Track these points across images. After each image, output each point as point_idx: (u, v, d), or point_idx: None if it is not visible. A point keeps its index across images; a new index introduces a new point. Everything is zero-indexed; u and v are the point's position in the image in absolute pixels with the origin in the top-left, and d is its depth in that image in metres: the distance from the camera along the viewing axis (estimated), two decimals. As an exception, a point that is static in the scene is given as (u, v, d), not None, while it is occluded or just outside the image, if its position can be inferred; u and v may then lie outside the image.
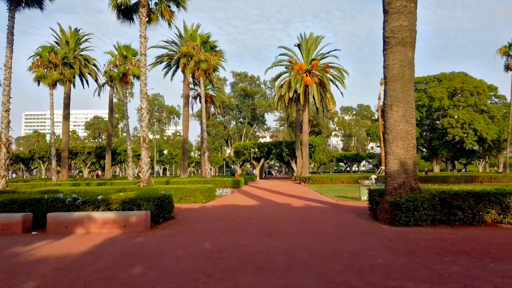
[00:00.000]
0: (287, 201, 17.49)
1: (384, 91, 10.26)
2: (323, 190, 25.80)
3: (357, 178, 38.52)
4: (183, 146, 42.19)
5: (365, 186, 16.56)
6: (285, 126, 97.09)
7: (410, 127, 9.75)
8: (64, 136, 44.72)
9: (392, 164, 9.80)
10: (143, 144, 18.25)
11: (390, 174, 9.83)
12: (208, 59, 34.32)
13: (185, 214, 12.55)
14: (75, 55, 43.52)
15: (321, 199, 18.45)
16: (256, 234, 8.44)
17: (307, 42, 42.17)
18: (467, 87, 50.69)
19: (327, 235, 8.17)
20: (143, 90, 18.35)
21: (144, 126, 18.25)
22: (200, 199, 16.82)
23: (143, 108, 18.26)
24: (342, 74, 41.54)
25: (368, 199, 11.20)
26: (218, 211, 13.41)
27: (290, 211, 13.22)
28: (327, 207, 14.25)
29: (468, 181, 37.64)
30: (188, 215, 12.43)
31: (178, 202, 16.74)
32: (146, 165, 18.17)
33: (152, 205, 9.60)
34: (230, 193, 24.64)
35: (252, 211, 13.43)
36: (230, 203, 16.96)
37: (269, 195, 22.14)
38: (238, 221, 10.61)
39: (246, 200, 18.39)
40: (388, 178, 9.90)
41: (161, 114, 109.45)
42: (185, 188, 17.01)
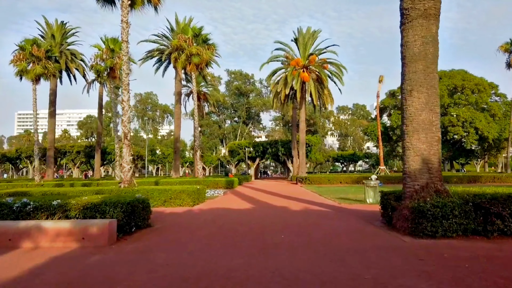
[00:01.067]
0: (284, 203, 15.76)
1: (401, 74, 8.56)
2: (321, 191, 24.13)
3: (356, 178, 36.87)
4: (175, 145, 40.33)
5: (370, 187, 14.88)
6: (281, 126, 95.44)
7: (435, 117, 8.06)
8: (50, 135, 42.71)
9: (412, 162, 8.10)
10: (125, 141, 16.44)
11: (410, 174, 8.12)
12: (200, 53, 32.50)
13: (166, 221, 10.77)
14: (61, 50, 41.52)
15: (321, 201, 16.75)
16: (247, 248, 6.69)
17: (304, 37, 40.49)
18: (468, 85, 49.27)
19: (337, 251, 6.44)
20: (125, 81, 16.54)
21: (125, 121, 16.44)
22: (187, 201, 15.04)
23: (125, 101, 16.45)
24: (340, 70, 39.91)
25: (381, 203, 9.49)
26: (205, 216, 11.65)
27: (287, 216, 11.49)
28: (329, 211, 12.54)
29: (471, 181, 36.19)
30: (169, 221, 10.65)
31: (162, 205, 14.97)
32: (127, 164, 16.36)
33: (119, 211, 7.81)
34: (222, 194, 22.88)
35: (245, 216, 11.69)
36: (220, 206, 15.21)
37: (264, 196, 20.41)
38: (226, 230, 8.85)
39: (238, 203, 16.64)
40: (408, 179, 8.19)
41: (154, 113, 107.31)
42: (170, 190, 15.22)
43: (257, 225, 9.52)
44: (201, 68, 34.65)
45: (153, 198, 14.99)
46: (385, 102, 57.79)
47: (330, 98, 40.25)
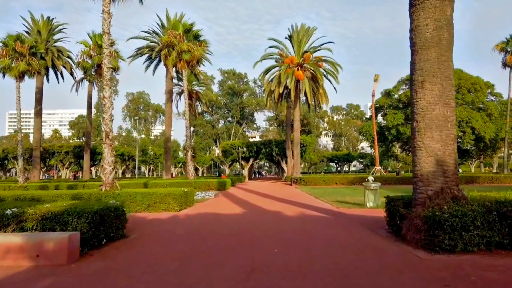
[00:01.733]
0: (278, 207, 14.67)
1: (411, 63, 7.51)
2: (317, 193, 23.08)
3: (352, 179, 35.92)
4: (166, 145, 39.08)
5: (371, 190, 13.85)
6: (275, 126, 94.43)
7: (450, 112, 7.02)
8: (35, 134, 41.23)
9: (424, 164, 7.05)
10: (106, 140, 15.24)
11: (422, 178, 7.07)
12: (191, 50, 31.33)
13: (145, 229, 9.61)
14: (47, 46, 40.00)
15: (318, 205, 15.68)
16: (232, 270, 5.57)
17: (299, 34, 39.46)
18: (464, 84, 48.60)
19: (344, 273, 5.34)
20: (106, 76, 15.33)
21: (107, 119, 15.23)
22: (173, 206, 13.88)
23: (106, 97, 15.25)
24: (336, 69, 38.97)
25: (387, 209, 8.43)
26: (190, 224, 10.52)
27: (282, 223, 10.39)
28: (327, 218, 11.47)
29: (468, 182, 35.43)
30: (149, 230, 9.49)
31: (146, 210, 13.80)
32: (109, 165, 15.15)
33: (84, 222, 6.65)
34: (213, 196, 21.74)
35: (234, 223, 10.57)
36: (209, 210, 14.07)
37: (257, 199, 19.30)
38: (211, 243, 7.72)
39: (229, 207, 15.52)
40: (419, 183, 7.13)
41: (146, 113, 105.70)
42: (155, 193, 14.04)
43: (247, 236, 8.41)
44: (192, 66, 33.50)
45: (135, 202, 13.84)
46: (380, 101, 57.02)
47: (325, 97, 39.27)
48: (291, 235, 8.39)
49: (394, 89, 57.37)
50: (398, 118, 52.06)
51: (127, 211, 14.00)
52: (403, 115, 52.31)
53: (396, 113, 53.05)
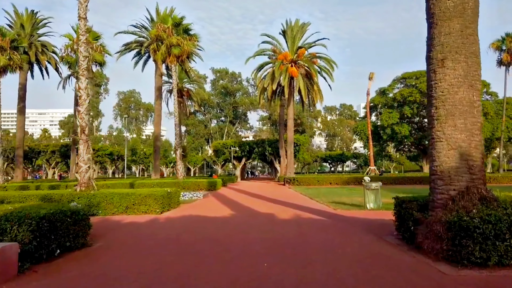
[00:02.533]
0: (271, 209, 13.42)
1: (428, 39, 6.32)
2: (311, 193, 21.88)
3: (346, 179, 34.85)
4: (155, 144, 37.59)
5: (371, 190, 12.66)
6: (269, 125, 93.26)
7: (476, 95, 5.84)
8: (18, 133, 39.53)
9: (445, 158, 5.85)
10: (81, 135, 13.85)
11: (442, 175, 5.86)
12: (181, 44, 29.97)
13: (116, 236, 8.29)
14: (31, 41, 38.34)
15: (313, 206, 14.47)
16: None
17: (292, 30, 38.27)
18: (460, 82, 47.85)
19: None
20: (82, 65, 13.95)
21: (82, 112, 13.84)
22: (154, 208, 12.54)
23: (82, 89, 13.86)
24: (331, 66, 37.82)
25: (396, 212, 7.24)
26: (170, 229, 9.22)
27: (274, 228, 9.14)
28: (325, 221, 10.25)
29: (465, 182, 34.58)
30: (120, 237, 8.18)
31: (124, 212, 12.46)
32: (85, 163, 13.77)
33: (26, 231, 5.32)
34: (202, 197, 20.41)
35: (221, 228, 9.30)
36: (195, 213, 12.77)
37: (248, 200, 18.04)
38: (190, 253, 6.44)
39: (218, 208, 14.24)
40: (439, 181, 5.93)
41: (137, 112, 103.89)
42: (134, 194, 12.68)
43: (234, 245, 7.15)
44: (182, 61, 32.14)
45: (112, 204, 12.50)
46: (375, 100, 56.06)
47: (319, 94, 38.12)
48: (284, 243, 7.13)
49: (389, 88, 56.48)
50: (393, 117, 51.14)
51: (103, 214, 12.72)
52: (398, 114, 51.44)
53: (391, 112, 52.14)
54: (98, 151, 53.54)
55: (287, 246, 6.79)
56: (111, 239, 7.89)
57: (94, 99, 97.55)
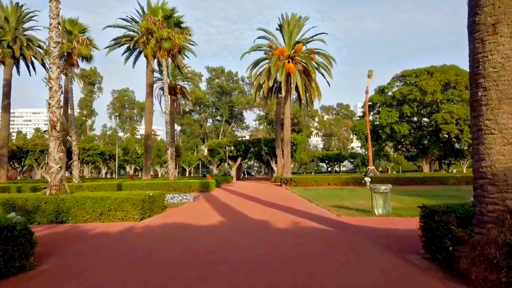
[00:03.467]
0: (266, 215, 11.89)
1: (469, 1, 4.80)
2: (310, 195, 20.38)
3: (345, 179, 33.34)
4: (146, 143, 35.92)
5: (380, 194, 11.16)
6: (265, 125, 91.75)
7: (541, 73, 4.33)
8: (2, 131, 37.61)
9: (499, 156, 4.35)
10: (52, 131, 12.25)
11: (495, 179, 4.36)
12: (171, 37, 28.39)
13: (74, 252, 6.72)
14: (16, 35, 36.56)
15: (314, 211, 12.95)
16: None
17: (289, 25, 36.76)
18: (462, 80, 46.54)
19: None
20: (53, 52, 12.35)
21: (53, 105, 12.23)
22: (132, 214, 10.96)
23: (53, 79, 12.26)
24: (329, 62, 36.33)
25: (424, 226, 5.72)
26: (144, 242, 7.65)
27: (269, 242, 7.61)
28: (329, 231, 8.72)
29: (469, 182, 33.14)
30: (79, 254, 6.61)
31: (97, 219, 10.88)
32: (56, 163, 12.18)
33: None
34: (192, 200, 18.83)
35: (205, 241, 7.75)
36: (179, 219, 11.21)
37: (242, 203, 16.50)
38: (157, 284, 4.90)
39: (207, 214, 12.69)
40: (489, 188, 4.43)
41: (131, 111, 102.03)
42: (109, 199, 11.07)
43: (217, 267, 5.61)
44: (173, 55, 30.53)
45: (84, 209, 10.91)
46: (374, 98, 54.74)
47: (317, 91, 36.62)
48: (280, 266, 5.59)
49: (388, 86, 55.18)
50: (392, 116, 49.80)
51: (73, 221, 11.13)
52: (398, 113, 50.13)
53: (391, 110, 50.82)
54: (88, 151, 51.74)
55: (285, 272, 5.25)
56: (66, 257, 6.33)
57: (87, 97, 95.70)
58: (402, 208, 12.51)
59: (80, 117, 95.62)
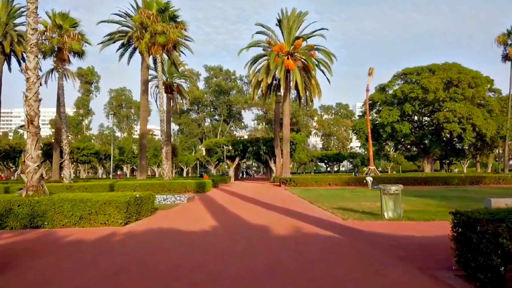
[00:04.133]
0: (264, 219, 10.81)
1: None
2: (310, 196, 19.34)
3: (346, 179, 32.27)
4: (141, 142, 34.84)
5: (390, 195, 10.09)
6: (263, 124, 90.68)
7: None
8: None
9: None
10: (29, 127, 11.14)
11: None
12: (166, 31, 27.31)
13: (33, 267, 5.63)
14: (6, 30, 35.41)
15: (316, 214, 11.88)
16: None
17: (289, 20, 35.66)
18: (465, 78, 45.56)
19: None
20: (31, 40, 11.23)
21: (31, 98, 11.12)
22: (116, 218, 9.85)
23: (30, 69, 11.15)
24: (330, 58, 35.22)
25: (458, 235, 4.64)
26: (120, 254, 6.56)
27: (268, 252, 6.53)
28: (336, 239, 7.64)
29: (473, 182, 32.30)
30: (37, 268, 5.52)
31: (76, 224, 9.78)
32: (33, 161, 11.09)
33: None
34: (185, 201, 17.76)
35: (191, 254, 6.66)
36: (168, 224, 10.12)
37: (239, 205, 15.42)
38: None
39: (199, 217, 11.61)
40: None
41: (128, 110, 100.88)
42: (90, 201, 9.94)
43: (203, 285, 4.53)
44: (168, 50, 29.46)
45: (62, 213, 9.81)
46: (374, 97, 53.71)
47: (317, 89, 35.53)
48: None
49: (389, 84, 54.19)
50: (393, 115, 48.75)
51: (50, 226, 9.99)
52: (399, 112, 49.10)
53: (392, 109, 49.80)
54: (83, 150, 50.57)
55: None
56: (23, 274, 5.23)
57: (84, 97, 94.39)
58: (412, 211, 11.46)
59: (76, 117, 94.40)
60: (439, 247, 6.22)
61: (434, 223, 9.24)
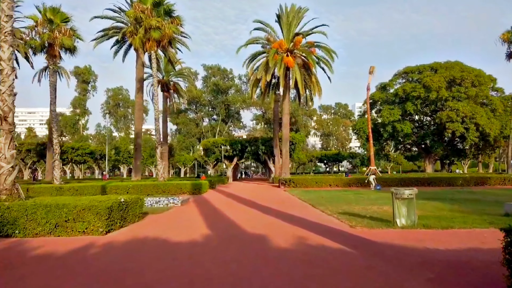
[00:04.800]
0: (263, 226, 9.74)
1: None
2: (312, 198, 18.28)
3: (347, 180, 31.11)
4: (135, 141, 33.77)
5: (403, 200, 9.03)
6: (262, 124, 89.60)
7: None
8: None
9: None
10: (3, 124, 10.05)
11: None
12: (161, 26, 26.24)
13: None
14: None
15: (320, 220, 10.80)
16: None
17: (288, 16, 34.59)
18: (468, 76, 44.58)
19: None
20: (5, 28, 10.14)
21: (4, 92, 10.03)
22: (96, 226, 8.76)
23: (4, 60, 10.07)
24: (331, 55, 34.19)
25: (509, 257, 3.58)
26: (89, 273, 5.50)
27: (267, 275, 5.46)
28: (348, 253, 6.57)
29: (478, 183, 31.26)
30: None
31: (51, 233, 8.69)
32: (7, 162, 9.98)
33: None
34: (179, 204, 16.68)
35: (173, 275, 5.60)
36: (155, 232, 9.03)
37: (236, 209, 14.35)
38: None
39: (191, 223, 10.54)
40: None
41: (126, 110, 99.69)
42: (67, 207, 8.84)
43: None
44: (163, 46, 28.35)
45: (35, 220, 8.71)
46: (375, 96, 52.69)
47: (318, 87, 34.47)
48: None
49: (390, 83, 53.21)
50: (394, 114, 47.74)
51: (21, 235, 8.66)
52: (400, 111, 48.08)
53: (393, 108, 48.78)
54: (77, 150, 49.47)
55: None
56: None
57: (81, 96, 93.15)
58: (425, 216, 10.39)
59: (73, 116, 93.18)
60: (470, 264, 5.19)
61: (454, 232, 8.20)
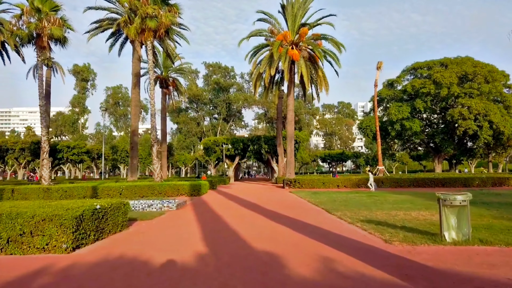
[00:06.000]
0: (272, 240, 7.79)
1: None
2: (323, 201, 16.30)
3: (357, 181, 29.05)
4: (132, 140, 31.82)
5: (451, 208, 7.04)
6: (264, 123, 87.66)
7: None
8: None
9: None
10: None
11: None
12: (157, 14, 24.32)
13: None
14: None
15: (342, 231, 8.81)
16: None
17: (293, 6, 32.59)
18: (481, 72, 42.44)
19: None
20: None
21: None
22: (59, 240, 6.81)
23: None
24: (338, 48, 32.14)
25: None
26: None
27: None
28: (401, 287, 4.63)
29: (496, 184, 29.26)
30: None
31: (4, 249, 6.75)
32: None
33: None
34: (174, 208, 14.75)
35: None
36: (136, 249, 7.08)
37: (238, 215, 12.38)
38: None
39: (183, 236, 8.58)
40: None
41: (125, 109, 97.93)
42: (22, 216, 6.90)
43: None
44: (160, 37, 26.43)
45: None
46: (382, 93, 50.57)
47: (325, 81, 32.43)
48: None
49: (398, 79, 51.06)
50: (403, 111, 45.59)
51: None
52: (409, 108, 45.94)
53: (401, 105, 46.64)
54: (73, 149, 47.57)
55: None
56: None
57: (80, 94, 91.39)
58: (473, 227, 8.38)
59: (72, 115, 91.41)
60: None
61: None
